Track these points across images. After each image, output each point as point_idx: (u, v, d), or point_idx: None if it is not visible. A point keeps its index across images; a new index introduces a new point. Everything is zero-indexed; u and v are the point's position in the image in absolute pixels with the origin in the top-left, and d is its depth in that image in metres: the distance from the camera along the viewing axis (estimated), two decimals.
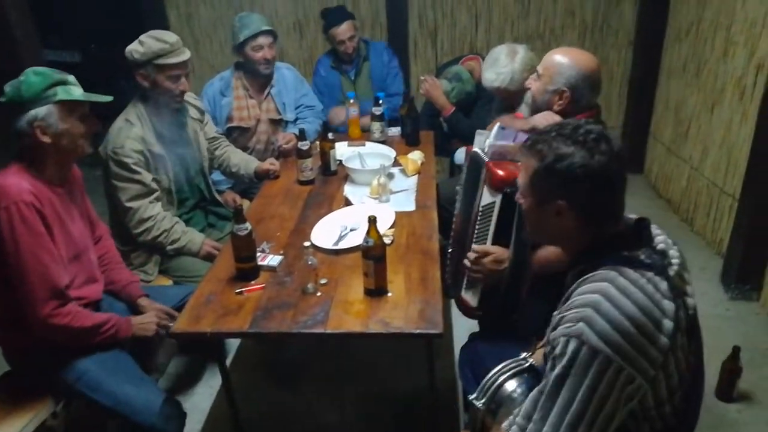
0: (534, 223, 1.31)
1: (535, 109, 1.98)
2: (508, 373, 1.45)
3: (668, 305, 1.12)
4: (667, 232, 1.31)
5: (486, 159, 1.77)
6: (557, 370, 1.11)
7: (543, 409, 1.13)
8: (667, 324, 1.11)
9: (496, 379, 1.44)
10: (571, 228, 1.22)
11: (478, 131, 1.91)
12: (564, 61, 1.91)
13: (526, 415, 1.18)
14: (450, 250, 2.08)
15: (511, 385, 1.42)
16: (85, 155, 1.85)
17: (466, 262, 1.77)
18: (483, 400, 1.42)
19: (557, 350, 1.13)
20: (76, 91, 1.74)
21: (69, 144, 1.75)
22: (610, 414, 1.09)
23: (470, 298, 1.87)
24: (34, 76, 1.68)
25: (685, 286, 1.28)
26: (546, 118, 1.89)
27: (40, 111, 1.67)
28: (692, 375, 1.23)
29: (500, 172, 1.69)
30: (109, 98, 1.79)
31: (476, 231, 1.80)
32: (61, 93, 1.70)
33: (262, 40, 2.92)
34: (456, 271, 1.98)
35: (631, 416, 1.16)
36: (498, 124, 1.82)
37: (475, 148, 1.85)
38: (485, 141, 1.80)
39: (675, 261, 1.27)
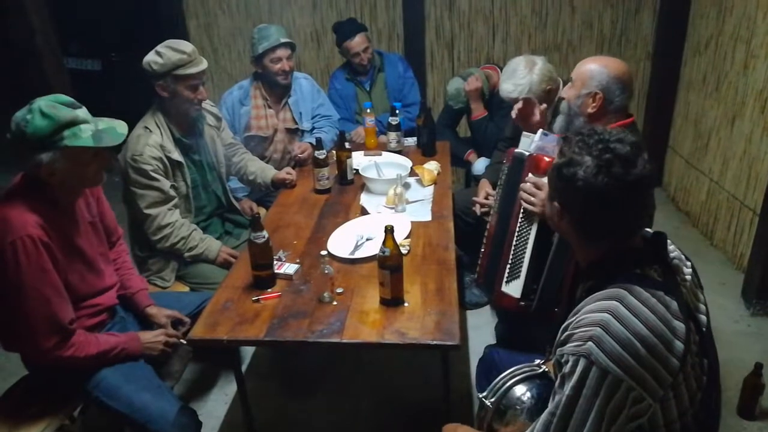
0: (548, 211, 1.33)
1: (570, 115, 2.01)
2: (520, 377, 1.46)
3: (679, 326, 1.11)
4: (684, 246, 1.29)
5: (529, 153, 1.85)
6: (568, 391, 1.11)
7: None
8: (678, 345, 1.10)
9: (507, 381, 1.45)
10: (571, 234, 1.24)
11: (524, 133, 1.95)
12: (595, 65, 1.97)
13: None
14: (483, 250, 2.06)
15: (520, 389, 1.43)
16: (97, 185, 1.83)
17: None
18: (492, 399, 1.43)
19: (566, 368, 1.12)
20: (85, 133, 1.61)
21: (78, 182, 1.73)
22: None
23: (513, 289, 1.85)
24: (40, 120, 1.56)
25: (698, 303, 1.26)
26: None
27: (45, 156, 1.58)
28: (705, 394, 1.21)
29: (546, 158, 1.76)
30: (120, 139, 1.70)
31: (521, 218, 1.82)
32: (68, 138, 1.59)
33: (281, 52, 2.94)
34: (491, 268, 1.97)
35: None
36: (541, 130, 1.87)
37: (519, 150, 1.90)
38: (530, 143, 1.85)
39: (688, 278, 1.25)
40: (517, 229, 1.85)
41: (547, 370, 1.48)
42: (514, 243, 1.85)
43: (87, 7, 5.29)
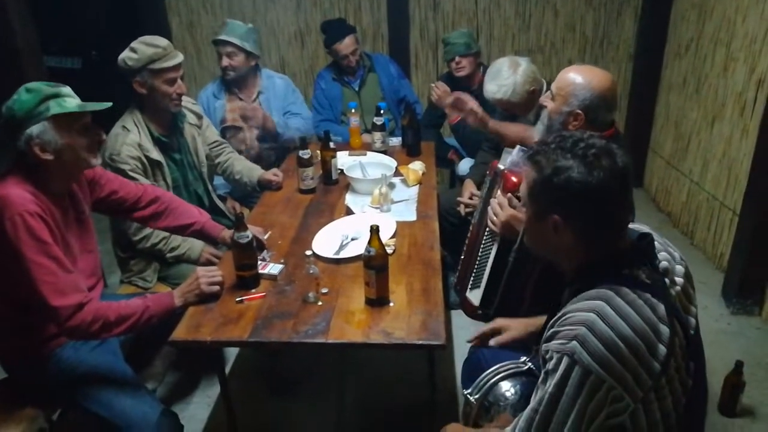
0: (532, 234, 1.30)
1: (552, 129, 1.96)
2: (505, 373, 1.47)
3: (664, 329, 1.12)
4: (674, 245, 1.30)
5: (503, 169, 1.84)
6: (551, 389, 1.12)
7: (538, 429, 1.14)
8: (661, 349, 1.11)
9: (492, 377, 1.46)
10: (569, 243, 1.20)
11: (506, 149, 1.96)
12: (578, 81, 1.86)
13: None
14: (462, 257, 2.08)
15: (505, 385, 1.45)
16: (91, 167, 1.80)
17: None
18: (477, 396, 1.44)
19: (550, 365, 1.13)
20: (71, 103, 1.64)
21: (72, 158, 1.68)
22: (596, 430, 1.11)
23: (474, 297, 1.88)
24: (25, 94, 1.61)
25: (690, 306, 1.26)
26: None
27: (35, 129, 1.60)
28: (691, 397, 1.21)
29: (514, 178, 1.76)
30: (106, 105, 1.71)
31: (487, 231, 1.85)
32: (54, 107, 1.61)
33: (220, 48, 3.01)
34: (465, 276, 2.00)
35: None
36: (518, 146, 1.86)
37: (500, 165, 1.89)
38: (508, 159, 1.86)
39: (679, 279, 1.26)
40: (483, 241, 1.88)
41: (532, 367, 1.49)
42: (479, 254, 1.89)
43: (68, 4, 5.21)
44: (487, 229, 1.86)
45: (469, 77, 3.28)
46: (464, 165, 3.27)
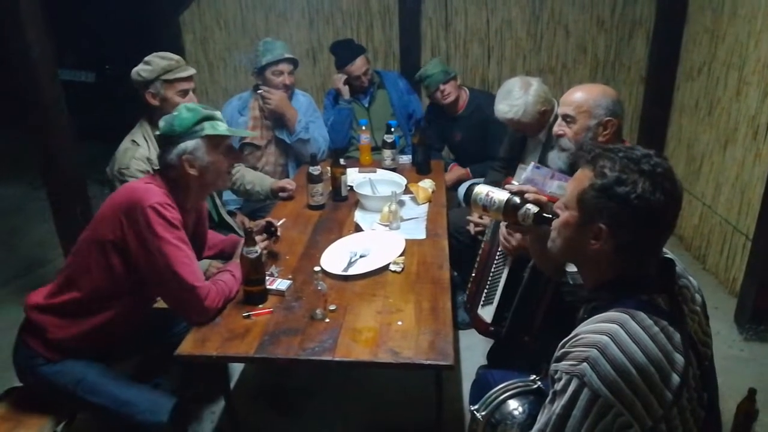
0: (567, 238, 1.24)
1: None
2: (513, 391, 1.46)
3: (679, 359, 1.09)
4: (691, 273, 1.28)
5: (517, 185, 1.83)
6: (558, 410, 1.10)
7: None
8: (675, 379, 1.08)
9: (501, 395, 1.44)
10: (603, 256, 1.17)
11: (521, 166, 1.97)
12: (593, 94, 1.92)
13: None
14: (473, 274, 2.07)
15: (513, 404, 1.43)
16: (224, 188, 1.87)
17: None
18: (484, 412, 1.42)
19: (558, 386, 1.11)
20: (221, 126, 1.83)
21: (212, 177, 1.85)
22: None
23: (486, 314, 1.86)
24: (186, 112, 1.79)
25: (705, 338, 1.24)
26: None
27: (189, 144, 1.78)
28: (703, 427, 1.18)
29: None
30: (252, 134, 1.89)
31: (500, 249, 1.84)
32: (208, 128, 1.80)
33: (283, 66, 3.02)
34: (476, 293, 1.99)
35: None
36: (533, 163, 1.87)
37: (514, 182, 1.90)
38: (523, 176, 1.86)
39: (697, 308, 1.24)
40: (496, 258, 1.87)
41: (541, 386, 1.46)
42: (492, 270, 1.88)
43: (83, 19, 5.29)
44: (501, 245, 1.85)
45: (455, 103, 3.32)
46: (462, 190, 3.26)
